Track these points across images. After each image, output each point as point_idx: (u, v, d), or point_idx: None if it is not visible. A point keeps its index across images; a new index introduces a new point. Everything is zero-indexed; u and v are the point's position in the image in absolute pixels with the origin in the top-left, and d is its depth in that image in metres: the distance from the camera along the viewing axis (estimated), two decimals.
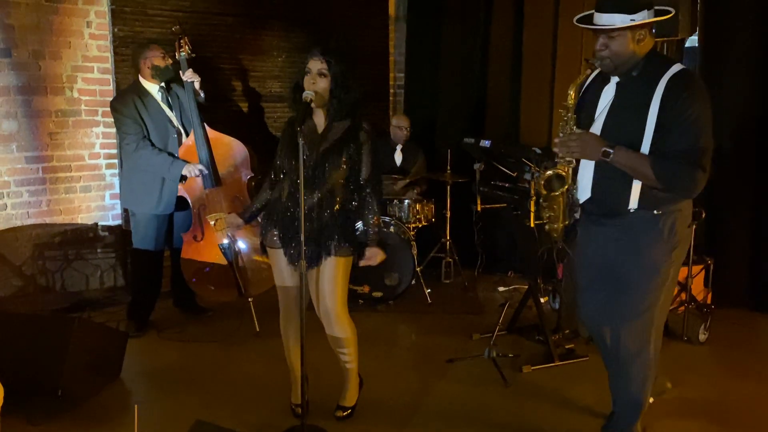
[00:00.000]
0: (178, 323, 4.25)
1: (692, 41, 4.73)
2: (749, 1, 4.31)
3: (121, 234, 4.76)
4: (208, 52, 4.79)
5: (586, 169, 2.52)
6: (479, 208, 4.55)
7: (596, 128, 2.46)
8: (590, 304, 2.68)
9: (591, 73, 2.52)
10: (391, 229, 4.62)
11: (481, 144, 4.22)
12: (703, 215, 3.80)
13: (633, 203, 2.41)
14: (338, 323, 2.89)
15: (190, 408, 3.13)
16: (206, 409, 3.11)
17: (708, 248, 4.27)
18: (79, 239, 4.65)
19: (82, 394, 3.17)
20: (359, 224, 2.89)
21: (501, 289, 5.05)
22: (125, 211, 4.62)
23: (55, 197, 4.53)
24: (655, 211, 2.40)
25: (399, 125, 5.25)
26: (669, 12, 2.39)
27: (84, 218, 4.67)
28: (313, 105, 2.74)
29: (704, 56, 4.60)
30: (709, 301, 4.00)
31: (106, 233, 4.76)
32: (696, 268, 3.89)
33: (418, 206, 4.87)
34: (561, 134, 2.47)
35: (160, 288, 4.28)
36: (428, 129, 5.72)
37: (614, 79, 2.46)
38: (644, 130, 2.32)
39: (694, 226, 2.60)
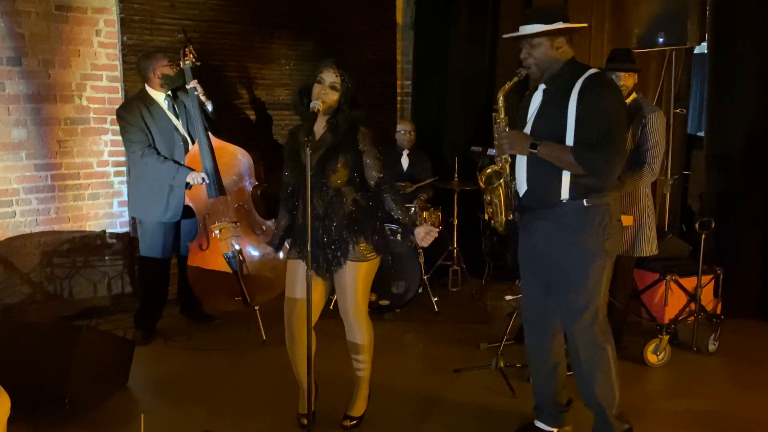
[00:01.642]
0: (185, 331, 4.26)
1: (701, 48, 4.72)
2: (758, 10, 4.29)
3: (128, 241, 4.78)
4: (216, 61, 4.81)
5: (521, 164, 2.74)
6: (487, 217, 4.53)
7: (528, 129, 2.71)
8: (529, 298, 2.90)
9: (516, 80, 2.74)
10: (398, 236, 4.62)
11: (488, 152, 4.20)
12: (713, 224, 3.78)
13: (564, 193, 2.61)
14: (356, 327, 2.93)
15: (196, 417, 3.13)
16: (212, 419, 3.11)
17: (718, 258, 4.24)
18: (87, 247, 4.67)
19: (89, 403, 3.17)
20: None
21: (509, 297, 5.02)
22: (133, 218, 4.63)
23: (63, 204, 4.55)
24: (585, 202, 2.59)
25: (403, 129, 5.26)
26: (582, 24, 2.76)
27: (92, 225, 4.68)
28: (322, 108, 2.75)
29: (713, 64, 4.58)
30: (718, 312, 3.96)
31: (114, 241, 4.77)
32: (705, 278, 3.86)
33: (425, 214, 4.86)
34: (495, 135, 2.75)
35: (167, 296, 4.28)
36: (435, 137, 5.72)
37: (542, 86, 2.71)
38: (566, 124, 2.57)
39: (620, 224, 2.74)
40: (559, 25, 2.60)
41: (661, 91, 4.65)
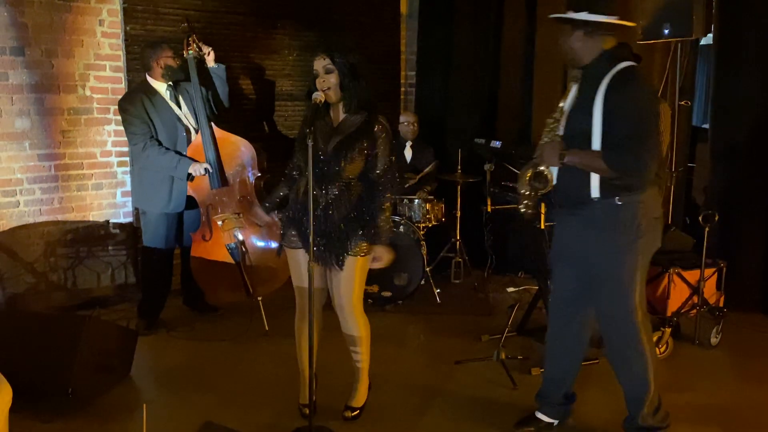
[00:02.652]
0: (187, 322, 4.27)
1: (707, 39, 4.69)
2: (764, 1, 4.26)
3: (132, 231, 4.79)
4: (219, 51, 4.77)
5: None
6: (489, 209, 4.53)
7: (562, 126, 2.68)
8: (558, 290, 2.88)
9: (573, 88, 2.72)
10: (401, 228, 4.62)
11: (491, 145, 4.21)
12: (717, 217, 3.77)
13: (594, 192, 2.57)
14: (352, 320, 2.93)
15: (199, 407, 3.14)
16: (214, 409, 3.12)
17: (721, 251, 4.23)
18: (91, 237, 4.68)
19: (92, 393, 3.19)
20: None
21: (511, 290, 5.03)
22: (136, 209, 4.64)
23: (67, 195, 4.55)
24: (617, 200, 2.54)
25: (405, 120, 5.25)
26: (629, 23, 2.65)
27: (95, 216, 4.69)
28: (325, 101, 2.75)
29: (718, 55, 4.56)
30: (721, 305, 3.95)
31: (118, 231, 4.78)
32: (708, 271, 3.85)
33: (428, 206, 4.86)
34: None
35: (170, 286, 4.29)
36: (439, 128, 5.71)
37: (578, 78, 2.69)
38: (592, 122, 2.53)
39: (662, 218, 2.71)
40: (601, 17, 2.53)
41: (666, 82, 4.63)
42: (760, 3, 4.27)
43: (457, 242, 5.15)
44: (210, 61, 4.12)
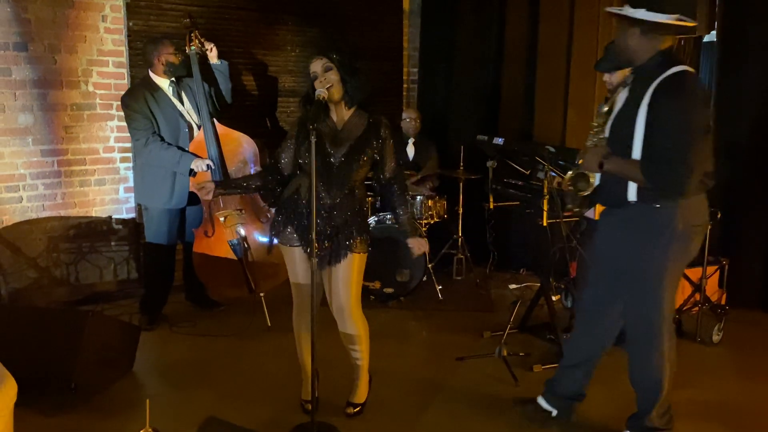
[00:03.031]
0: (190, 317, 4.28)
1: (710, 37, 4.68)
2: None
3: (134, 227, 4.80)
4: (221, 47, 4.78)
5: None
6: (492, 206, 4.53)
7: (607, 130, 2.64)
8: (589, 288, 2.88)
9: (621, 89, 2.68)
10: None
11: (494, 141, 4.21)
12: (719, 215, 3.77)
13: (632, 195, 2.54)
14: (352, 320, 2.91)
15: (201, 402, 3.15)
16: (216, 404, 3.13)
17: (723, 248, 4.23)
18: (94, 232, 4.69)
19: (95, 388, 3.21)
20: (373, 218, 2.91)
21: (513, 286, 5.04)
22: (139, 204, 4.64)
23: (69, 190, 4.56)
24: (656, 205, 2.50)
25: (408, 117, 5.25)
26: (689, 23, 2.46)
27: (98, 211, 4.71)
28: (327, 100, 2.74)
29: (722, 53, 4.54)
30: (723, 302, 3.96)
31: (120, 226, 4.79)
32: (710, 269, 3.85)
33: (430, 202, 4.86)
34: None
35: (172, 282, 4.30)
36: (441, 125, 5.71)
37: (629, 80, 2.61)
38: (633, 131, 2.46)
39: (706, 225, 2.65)
40: (660, 17, 2.40)
41: None
42: (764, 1, 4.26)
43: (459, 239, 5.15)
44: (213, 57, 4.12)
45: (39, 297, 4.42)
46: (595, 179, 2.72)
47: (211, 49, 4.11)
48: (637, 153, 2.48)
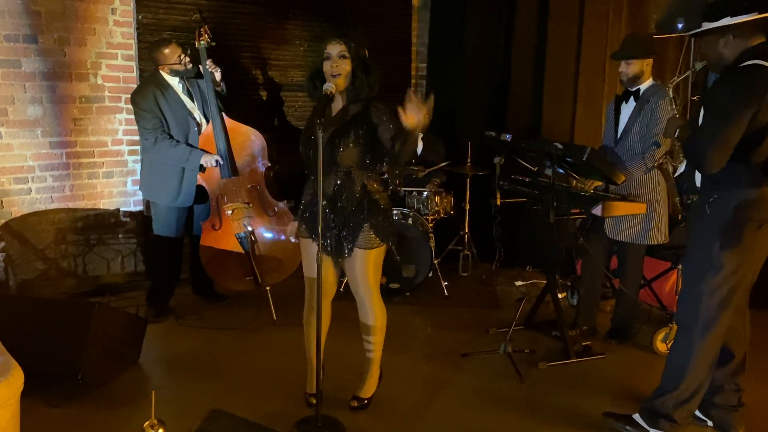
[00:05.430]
0: (196, 310, 4.29)
1: None
2: None
3: (142, 220, 4.81)
4: (230, 41, 4.81)
5: None
6: (499, 202, 4.52)
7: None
8: None
9: (689, 73, 3.08)
10: (410, 220, 4.62)
11: (502, 137, 4.18)
12: None
13: (698, 181, 2.71)
14: (371, 311, 2.97)
15: (207, 394, 3.17)
16: (222, 396, 3.14)
17: None
18: (101, 224, 4.71)
19: (101, 379, 3.22)
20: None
21: (519, 283, 5.03)
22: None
23: (78, 182, 4.58)
24: (715, 195, 2.60)
25: None
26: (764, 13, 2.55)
27: (106, 204, 4.73)
28: (334, 91, 2.74)
29: None
30: None
31: (128, 219, 4.81)
32: None
33: (437, 198, 4.85)
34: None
35: (179, 274, 4.32)
36: (449, 121, 5.69)
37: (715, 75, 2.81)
38: (702, 109, 2.62)
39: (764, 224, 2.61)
40: (726, 21, 2.52)
41: (679, 77, 4.58)
42: None
43: (466, 235, 5.15)
44: (217, 76, 4.07)
45: (46, 288, 4.45)
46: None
47: (217, 70, 4.06)
48: None
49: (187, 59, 3.97)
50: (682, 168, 2.98)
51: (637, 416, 2.83)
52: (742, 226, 2.57)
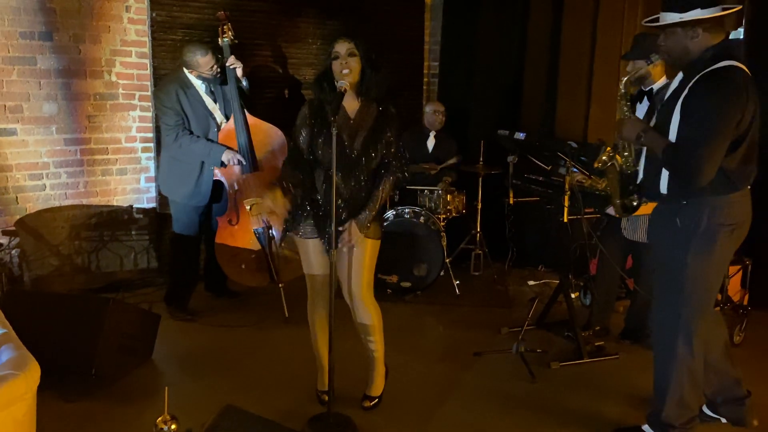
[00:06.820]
0: (209, 307, 4.31)
1: (736, 34, 4.61)
2: None
3: (155, 216, 4.84)
4: (243, 39, 4.80)
5: (642, 152, 2.73)
6: (511, 201, 4.50)
7: (654, 118, 2.68)
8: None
9: (642, 69, 2.86)
10: (421, 219, 4.61)
11: (515, 136, 4.16)
12: None
13: (663, 188, 2.55)
14: (364, 307, 2.91)
15: (219, 391, 3.18)
16: (234, 393, 3.15)
17: (746, 248, 4.16)
18: (115, 221, 4.74)
19: (115, 374, 3.24)
20: (391, 212, 2.89)
21: (531, 283, 5.01)
22: (160, 194, 4.67)
23: (92, 179, 4.61)
24: (683, 201, 2.51)
25: (435, 110, 5.19)
26: (733, 7, 2.46)
27: (119, 200, 4.75)
28: (348, 88, 2.74)
29: (749, 50, 4.47)
30: (745, 302, 3.91)
31: (141, 216, 4.84)
32: (733, 269, 3.80)
33: (449, 197, 4.84)
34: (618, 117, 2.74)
35: (198, 272, 4.33)
36: (462, 119, 5.67)
37: (680, 75, 2.60)
38: (671, 121, 2.47)
39: (741, 226, 2.55)
40: (696, 13, 2.39)
41: None
42: None
43: (478, 234, 5.13)
44: (239, 72, 4.06)
45: (60, 284, 4.48)
46: (625, 160, 2.74)
47: (240, 67, 4.05)
48: (672, 137, 2.50)
49: (218, 69, 3.95)
50: (641, 174, 2.76)
51: (646, 427, 2.80)
52: (715, 233, 2.49)
